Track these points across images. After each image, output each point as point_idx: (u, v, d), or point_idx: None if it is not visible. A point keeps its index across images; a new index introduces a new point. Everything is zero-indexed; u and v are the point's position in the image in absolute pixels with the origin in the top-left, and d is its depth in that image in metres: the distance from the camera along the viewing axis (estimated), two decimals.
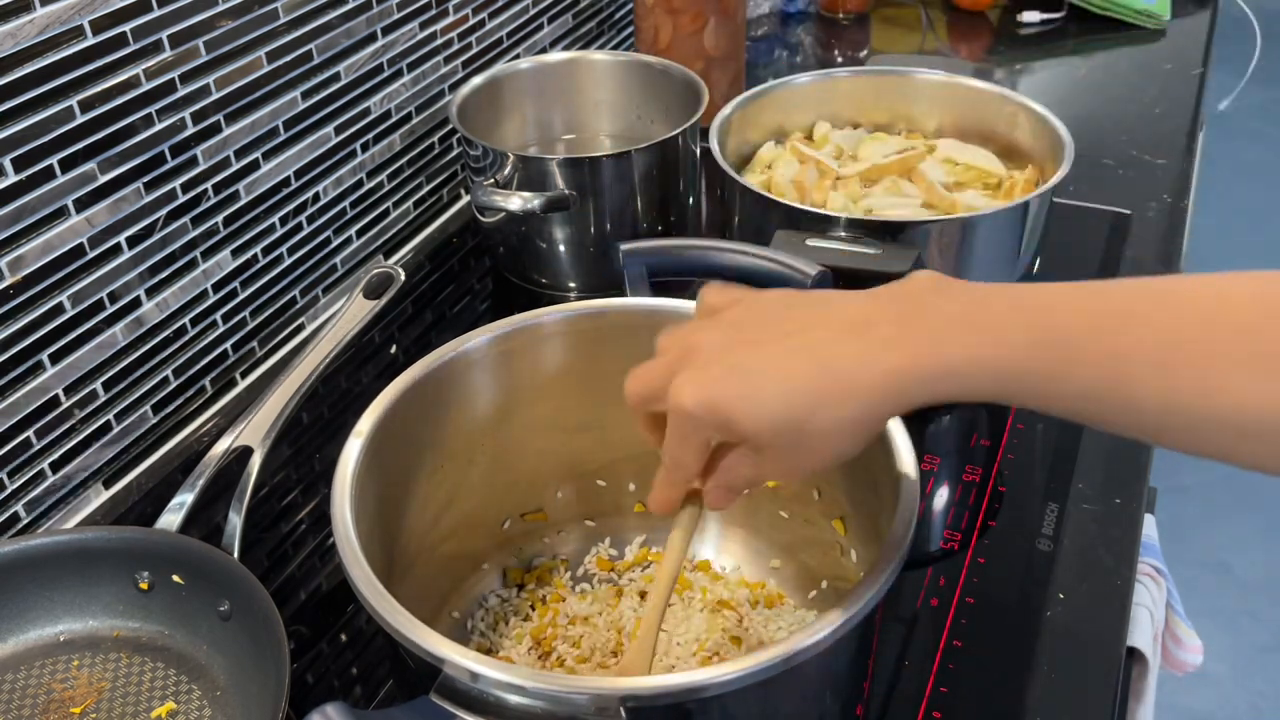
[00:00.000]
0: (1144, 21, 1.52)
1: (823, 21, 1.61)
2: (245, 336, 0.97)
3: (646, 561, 0.77)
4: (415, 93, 1.11)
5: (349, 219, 1.07)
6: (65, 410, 0.82)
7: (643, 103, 1.15)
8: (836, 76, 1.09)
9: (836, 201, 0.96)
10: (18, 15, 0.73)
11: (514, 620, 0.73)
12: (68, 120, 0.77)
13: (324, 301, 1.06)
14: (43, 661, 0.71)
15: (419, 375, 0.67)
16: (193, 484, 0.77)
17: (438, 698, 0.51)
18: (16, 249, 0.76)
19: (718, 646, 0.69)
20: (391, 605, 0.54)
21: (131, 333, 0.86)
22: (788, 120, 1.08)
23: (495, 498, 0.74)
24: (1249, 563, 2.05)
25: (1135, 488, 0.83)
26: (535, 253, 1.05)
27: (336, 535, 0.58)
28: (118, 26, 0.79)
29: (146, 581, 0.72)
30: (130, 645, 0.72)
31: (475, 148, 1.02)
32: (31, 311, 0.78)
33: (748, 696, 0.52)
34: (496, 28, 1.21)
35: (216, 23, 0.87)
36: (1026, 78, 1.46)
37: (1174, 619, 1.06)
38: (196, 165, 0.88)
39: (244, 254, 0.95)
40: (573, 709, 0.50)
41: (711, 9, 1.22)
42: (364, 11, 1.01)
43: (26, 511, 0.81)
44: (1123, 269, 1.06)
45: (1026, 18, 1.56)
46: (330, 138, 1.02)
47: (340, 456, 0.62)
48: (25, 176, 0.76)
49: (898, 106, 1.09)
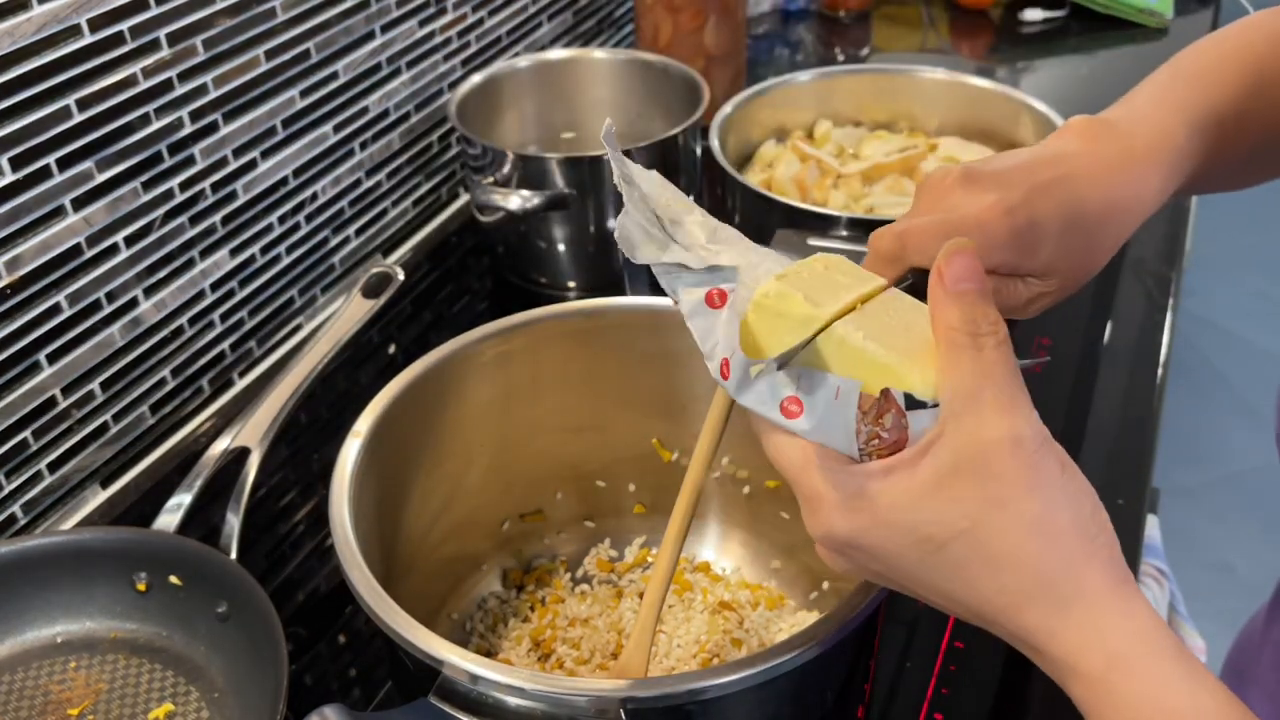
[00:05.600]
0: (1146, 20, 1.52)
1: (824, 19, 1.61)
2: (243, 336, 0.97)
3: (646, 562, 0.76)
4: (414, 91, 1.11)
5: (347, 218, 1.06)
6: (63, 410, 0.82)
7: (643, 101, 1.14)
8: (837, 75, 1.09)
9: (838, 200, 0.96)
10: (15, 14, 0.72)
11: (513, 622, 0.72)
12: (65, 119, 0.77)
13: (322, 301, 1.06)
14: (40, 663, 0.71)
15: (418, 375, 0.67)
16: (190, 484, 0.76)
17: (437, 700, 0.51)
18: (13, 248, 0.76)
19: (718, 648, 0.69)
20: (391, 607, 0.54)
21: (129, 333, 0.86)
22: (789, 119, 1.08)
23: (494, 498, 0.74)
24: (1252, 564, 2.05)
25: (1138, 489, 0.83)
26: (535, 252, 1.05)
27: (335, 536, 0.57)
28: (115, 25, 0.79)
29: (144, 582, 0.72)
30: (128, 646, 0.71)
31: (474, 146, 1.01)
32: (29, 311, 0.78)
33: (748, 698, 0.51)
34: (496, 25, 1.21)
35: (214, 21, 0.86)
36: (1028, 76, 1.46)
37: (1177, 620, 1.06)
38: (194, 164, 0.88)
39: (242, 253, 0.95)
40: (572, 711, 0.50)
41: (712, 7, 1.21)
42: (362, 9, 1.01)
43: (24, 512, 0.81)
44: (1124, 269, 1.06)
45: (1028, 16, 1.56)
46: (328, 136, 1.01)
47: (339, 457, 0.61)
48: (22, 175, 0.75)
49: (899, 105, 1.08)
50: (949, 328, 0.43)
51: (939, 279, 0.43)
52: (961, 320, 0.42)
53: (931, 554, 0.42)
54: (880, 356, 0.44)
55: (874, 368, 0.44)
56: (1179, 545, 1.41)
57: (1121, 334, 0.99)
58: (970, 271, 0.43)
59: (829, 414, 0.44)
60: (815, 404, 0.44)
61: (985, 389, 0.42)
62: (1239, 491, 2.17)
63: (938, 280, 0.43)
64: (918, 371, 0.43)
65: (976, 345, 0.42)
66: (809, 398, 0.44)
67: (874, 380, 0.44)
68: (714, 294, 0.48)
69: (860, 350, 0.44)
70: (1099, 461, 0.85)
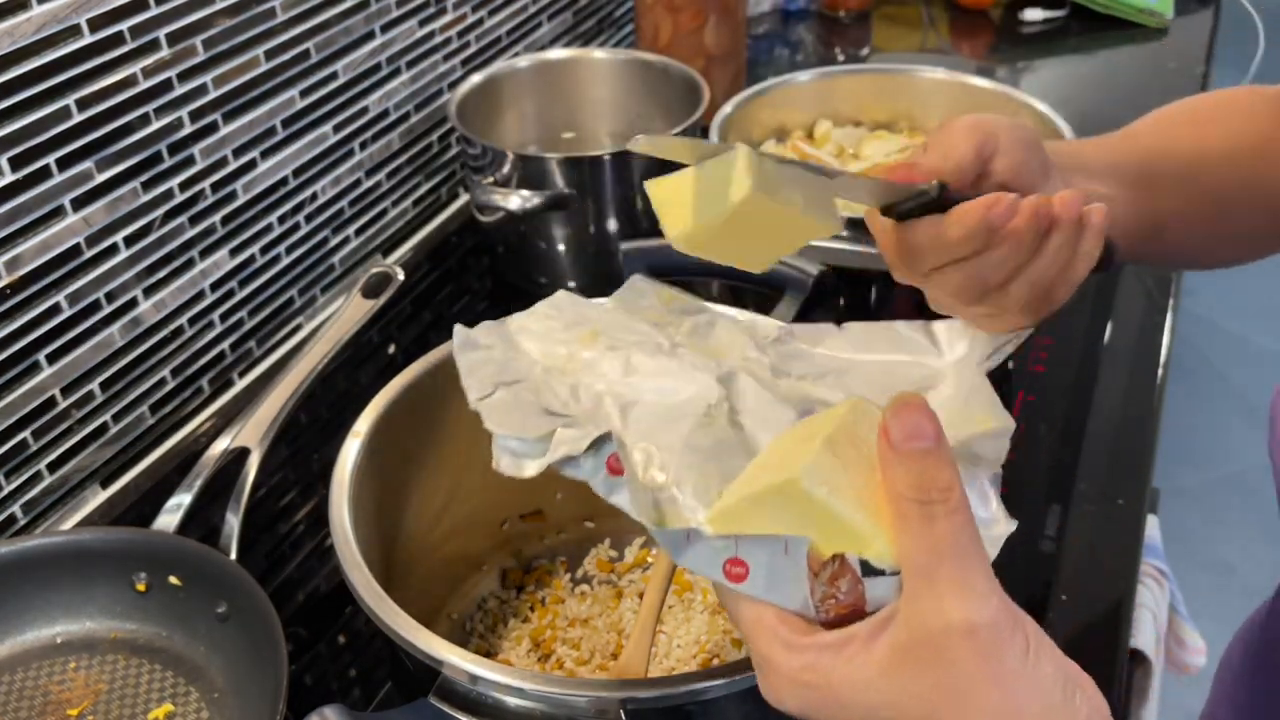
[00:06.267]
0: (1146, 20, 1.52)
1: (824, 19, 1.61)
2: (243, 336, 0.97)
3: (646, 563, 0.76)
4: (414, 91, 1.11)
5: (347, 218, 1.06)
6: (62, 411, 0.82)
7: (643, 101, 1.14)
8: (838, 75, 1.09)
9: None
10: (14, 13, 0.72)
11: (513, 622, 0.72)
12: (64, 119, 0.77)
13: (322, 301, 1.06)
14: (40, 663, 0.71)
15: (417, 375, 0.67)
16: (190, 485, 0.76)
17: (437, 700, 0.51)
18: (13, 248, 0.76)
19: (718, 648, 0.69)
20: (390, 607, 0.54)
21: (129, 333, 0.86)
22: (789, 118, 1.08)
23: (494, 498, 0.74)
24: (1252, 564, 2.05)
25: (1138, 489, 0.83)
26: (534, 252, 1.05)
27: (335, 537, 0.57)
28: (115, 25, 0.79)
29: (144, 583, 0.72)
30: (127, 647, 0.71)
31: (474, 146, 1.01)
32: (28, 311, 0.78)
33: (748, 699, 0.51)
34: (495, 25, 1.20)
35: (214, 21, 0.86)
36: (1028, 76, 1.46)
37: (1177, 620, 1.06)
38: (194, 164, 0.88)
39: (242, 253, 0.95)
40: (572, 711, 0.50)
41: (712, 7, 1.21)
42: (362, 9, 1.01)
43: (24, 512, 0.81)
44: (1124, 268, 1.06)
45: (1028, 16, 1.56)
46: (328, 136, 1.01)
47: (338, 457, 0.61)
48: (22, 176, 0.75)
49: (899, 105, 1.08)
50: (898, 496, 0.40)
51: (885, 437, 0.40)
52: (910, 487, 0.39)
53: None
54: (844, 515, 0.40)
55: (833, 525, 0.40)
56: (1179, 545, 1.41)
57: (1122, 334, 0.99)
58: (919, 429, 0.40)
59: (777, 570, 0.41)
60: (759, 563, 0.41)
61: (939, 568, 0.39)
62: (1239, 491, 2.17)
63: (884, 439, 0.40)
64: (882, 538, 0.40)
65: (927, 516, 0.39)
66: (752, 558, 0.41)
67: (830, 537, 0.40)
68: (610, 462, 0.45)
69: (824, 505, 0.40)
70: (1099, 461, 0.85)
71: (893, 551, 0.40)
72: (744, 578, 0.41)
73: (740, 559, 0.41)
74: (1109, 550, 0.78)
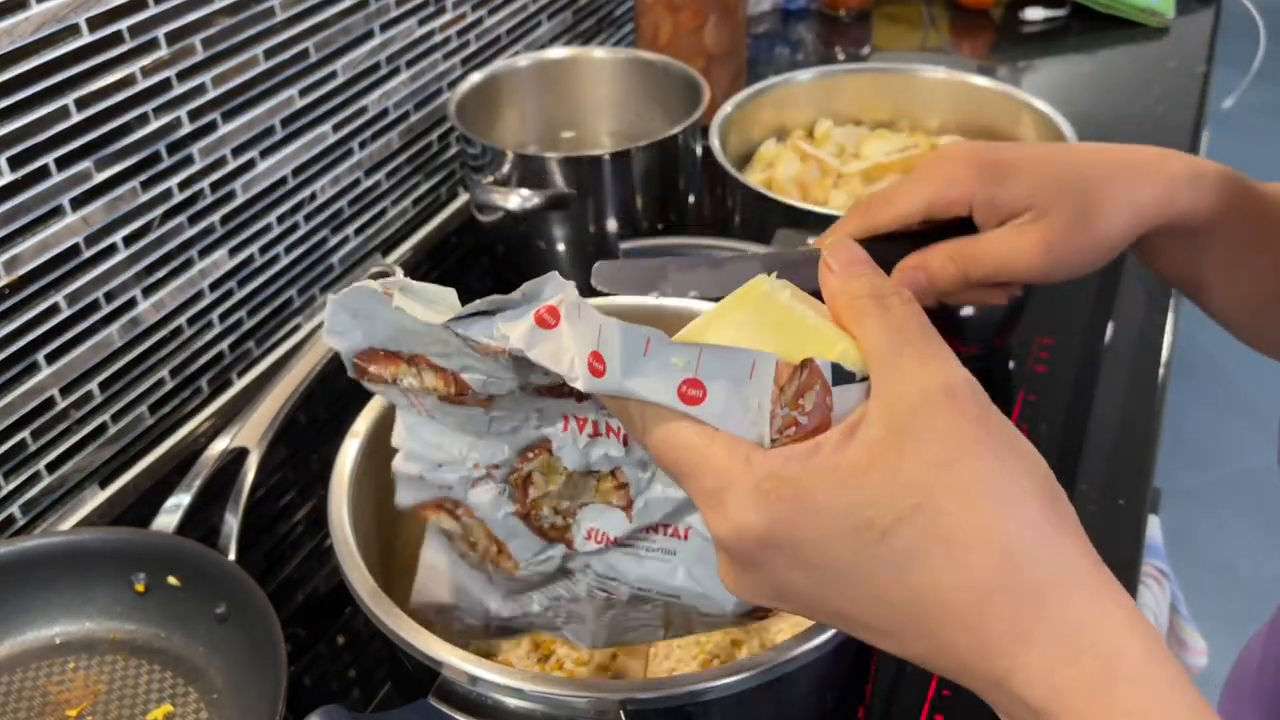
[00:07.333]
0: (1147, 19, 1.52)
1: (824, 18, 1.60)
2: (242, 336, 0.97)
3: None
4: (413, 90, 1.11)
5: (346, 218, 1.06)
6: (61, 411, 0.82)
7: (643, 100, 1.14)
8: (838, 74, 1.09)
9: (838, 200, 0.96)
10: (13, 13, 0.72)
11: None
12: (63, 118, 0.77)
13: (321, 301, 1.05)
14: (38, 664, 0.71)
15: None
16: (189, 485, 0.76)
17: (436, 701, 0.51)
18: (12, 248, 0.76)
19: (718, 649, 0.68)
20: (390, 608, 0.53)
21: (128, 333, 0.86)
22: (789, 118, 1.07)
23: None
24: (1254, 564, 2.05)
25: (1139, 489, 0.83)
26: (534, 252, 1.05)
27: (334, 537, 0.57)
28: (113, 24, 0.79)
29: (143, 583, 0.72)
30: (126, 647, 0.71)
31: (474, 146, 1.01)
32: (27, 311, 0.78)
33: (748, 700, 0.51)
34: (495, 25, 1.20)
35: (213, 20, 0.86)
36: (1029, 75, 1.46)
37: (1178, 621, 1.06)
38: (193, 164, 0.88)
39: (241, 253, 0.94)
40: (572, 712, 0.49)
41: (712, 6, 1.21)
42: (361, 9, 1.01)
43: (23, 513, 0.81)
44: (1124, 268, 1.06)
45: (1029, 15, 1.56)
46: (328, 136, 1.01)
47: (338, 457, 0.61)
48: (20, 175, 0.75)
49: (900, 104, 1.08)
50: (852, 297, 0.39)
51: (828, 270, 0.40)
52: (864, 288, 0.39)
53: (873, 544, 0.35)
54: (807, 317, 0.39)
55: (797, 330, 0.38)
56: (1181, 545, 1.41)
57: (1123, 333, 0.99)
58: (859, 256, 0.40)
59: (736, 397, 0.38)
60: (719, 386, 0.38)
61: (903, 347, 0.37)
62: (1241, 491, 2.17)
63: (827, 271, 0.40)
64: (845, 339, 0.38)
65: (883, 307, 0.38)
66: (712, 380, 0.38)
67: (796, 344, 0.38)
68: (542, 313, 0.42)
69: (787, 309, 0.39)
70: (1100, 461, 0.85)
71: (857, 351, 0.38)
72: (701, 400, 0.38)
73: (699, 380, 0.38)
74: (1110, 550, 0.77)
